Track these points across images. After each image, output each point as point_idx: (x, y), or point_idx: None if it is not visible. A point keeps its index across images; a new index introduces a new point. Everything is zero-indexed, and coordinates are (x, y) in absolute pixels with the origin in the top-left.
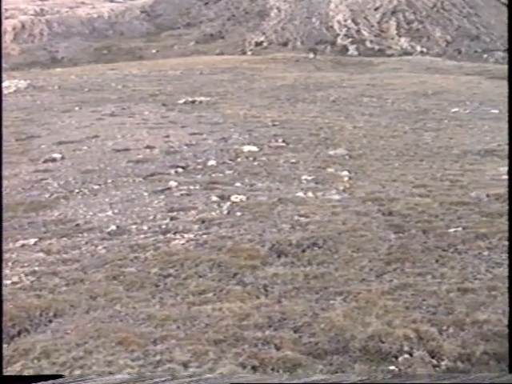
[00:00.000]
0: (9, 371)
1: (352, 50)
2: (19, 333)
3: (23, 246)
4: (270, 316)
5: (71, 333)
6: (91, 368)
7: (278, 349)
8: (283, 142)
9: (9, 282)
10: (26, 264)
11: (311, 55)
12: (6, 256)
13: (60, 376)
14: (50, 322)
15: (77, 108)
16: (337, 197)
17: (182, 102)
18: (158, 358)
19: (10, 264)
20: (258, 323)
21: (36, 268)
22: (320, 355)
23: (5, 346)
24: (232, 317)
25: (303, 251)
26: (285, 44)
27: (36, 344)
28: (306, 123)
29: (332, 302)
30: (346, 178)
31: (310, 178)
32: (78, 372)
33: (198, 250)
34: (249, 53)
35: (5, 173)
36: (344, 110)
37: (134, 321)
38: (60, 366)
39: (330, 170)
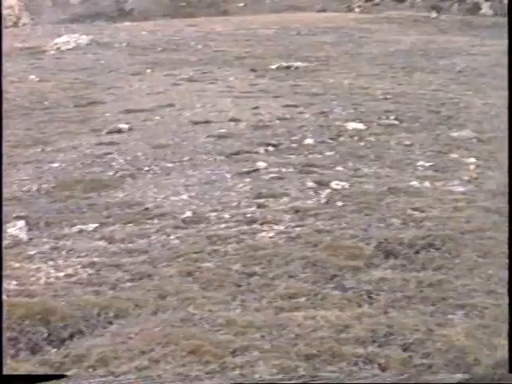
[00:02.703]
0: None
1: (485, 8)
2: (72, 335)
3: (81, 231)
4: (375, 329)
5: (135, 338)
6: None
7: (382, 369)
8: (396, 119)
9: (62, 274)
10: (83, 254)
11: (433, 14)
12: (59, 243)
13: (62, 376)
14: (110, 323)
15: (148, 70)
16: (460, 188)
17: (274, 67)
18: (237, 372)
19: (63, 253)
20: (360, 337)
21: (95, 259)
22: None
23: (54, 350)
24: (328, 327)
25: (417, 253)
26: (401, 0)
27: (92, 349)
28: (424, 97)
29: (451, 316)
30: (472, 167)
31: (427, 164)
32: None
33: (290, 246)
34: (357, 10)
35: (62, 144)
36: (473, 82)
37: (211, 326)
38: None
39: (452, 155)
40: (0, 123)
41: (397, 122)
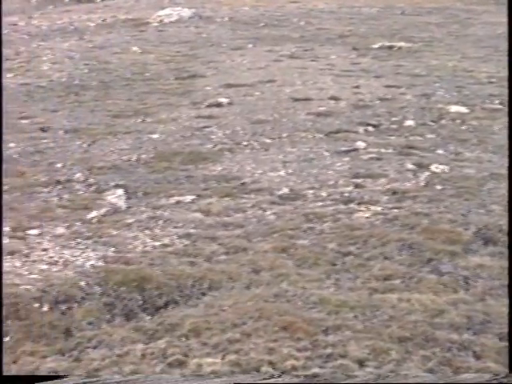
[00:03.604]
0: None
1: None
2: (166, 304)
3: (178, 203)
4: (470, 316)
5: (228, 310)
6: (248, 354)
7: (477, 357)
8: (500, 103)
9: (158, 243)
10: (179, 224)
11: None
12: (157, 213)
13: (63, 376)
14: (204, 294)
15: (250, 45)
16: None
17: (376, 46)
18: (328, 350)
19: (160, 223)
20: (455, 323)
21: (191, 230)
22: None
23: (148, 318)
24: (422, 311)
25: None
26: None
27: (185, 319)
28: None
29: None
30: None
31: None
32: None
33: (386, 227)
34: None
35: (162, 116)
36: None
37: (304, 303)
38: (212, 347)
39: None
40: (0, 117)
41: (501, 107)
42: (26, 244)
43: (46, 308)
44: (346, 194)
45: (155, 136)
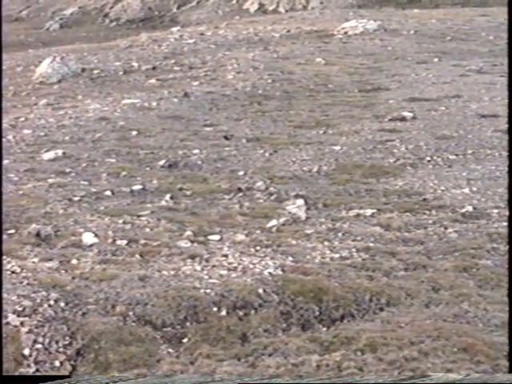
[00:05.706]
0: (327, 358)
1: None
2: (343, 317)
3: (358, 216)
4: None
5: (405, 327)
6: (425, 373)
7: None
8: None
9: (337, 255)
10: (358, 238)
11: None
12: (336, 225)
13: (66, 376)
14: (381, 310)
15: (435, 59)
16: None
17: None
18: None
19: (340, 235)
20: None
21: (370, 244)
22: None
23: (324, 329)
24: None
25: None
26: None
27: (361, 333)
28: None
29: None
30: None
31: None
32: None
33: None
34: None
35: (344, 128)
36: None
37: (485, 326)
38: (388, 363)
39: None
40: (0, 121)
41: None
42: (206, 249)
43: (223, 312)
44: None
45: (337, 148)
